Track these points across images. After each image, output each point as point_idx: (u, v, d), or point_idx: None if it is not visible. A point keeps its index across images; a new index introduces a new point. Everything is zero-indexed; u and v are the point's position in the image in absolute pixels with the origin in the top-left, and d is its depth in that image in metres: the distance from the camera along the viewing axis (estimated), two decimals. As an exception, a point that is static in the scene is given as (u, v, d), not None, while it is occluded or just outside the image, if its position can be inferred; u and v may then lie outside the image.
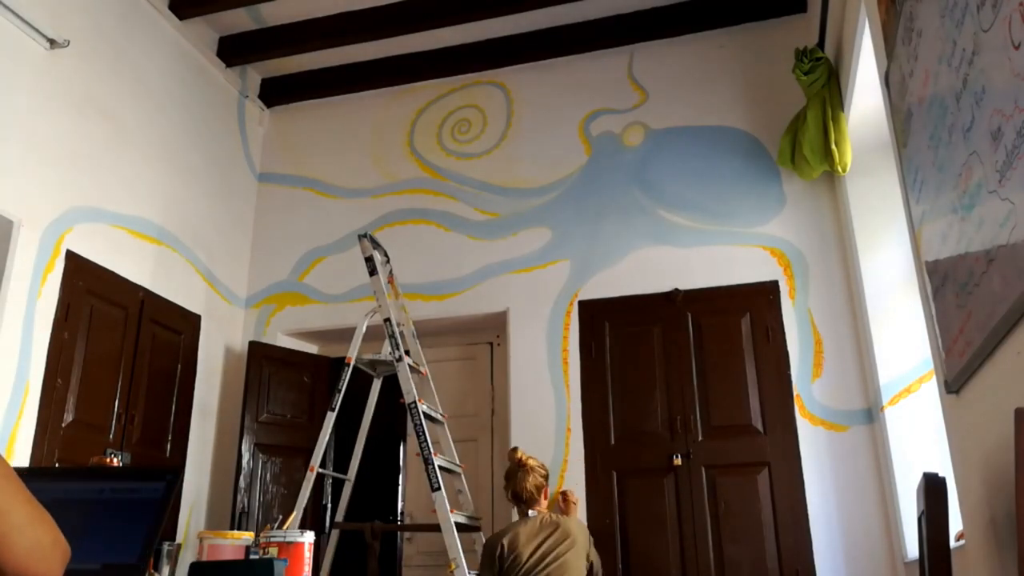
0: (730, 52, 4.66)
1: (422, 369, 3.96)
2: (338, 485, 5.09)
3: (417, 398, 3.63)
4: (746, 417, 4.00)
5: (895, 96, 2.62)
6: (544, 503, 3.44)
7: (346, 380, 3.86)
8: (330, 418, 3.81)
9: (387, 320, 3.82)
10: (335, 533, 3.98)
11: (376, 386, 4.22)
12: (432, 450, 3.53)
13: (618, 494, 4.06)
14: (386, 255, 4.18)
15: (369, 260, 3.96)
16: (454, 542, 3.33)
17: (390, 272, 4.16)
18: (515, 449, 3.56)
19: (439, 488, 3.41)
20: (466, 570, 3.29)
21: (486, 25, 4.78)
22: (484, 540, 3.60)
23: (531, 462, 3.47)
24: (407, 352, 3.82)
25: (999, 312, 1.69)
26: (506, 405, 4.49)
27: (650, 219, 4.45)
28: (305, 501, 3.71)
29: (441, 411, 3.93)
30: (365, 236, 4.01)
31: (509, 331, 4.52)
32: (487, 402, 4.82)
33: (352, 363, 3.90)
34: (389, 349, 3.81)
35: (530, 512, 3.39)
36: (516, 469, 3.45)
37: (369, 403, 4.18)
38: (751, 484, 3.90)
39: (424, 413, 3.64)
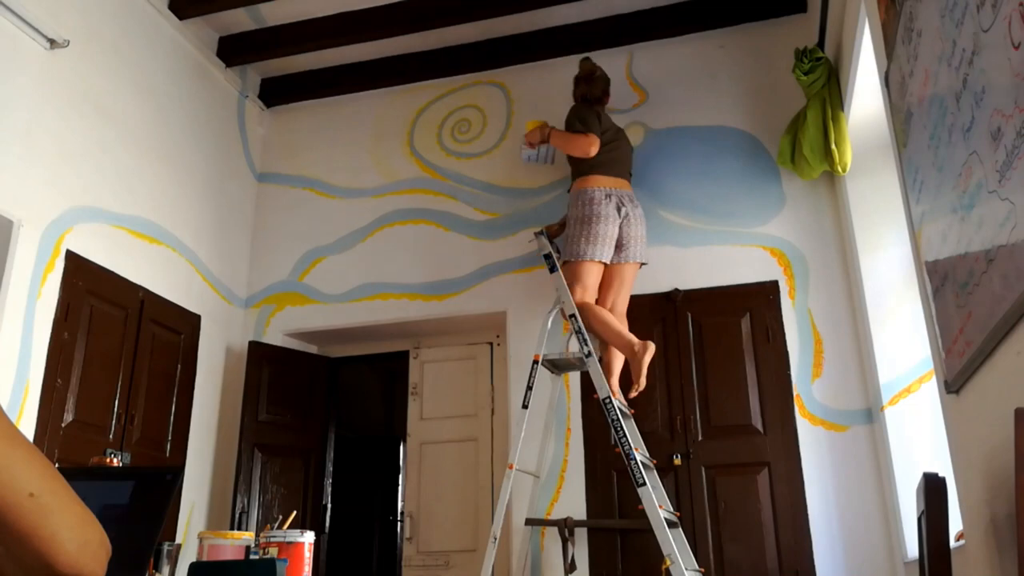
0: (730, 52, 4.66)
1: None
2: (338, 486, 5.11)
3: (612, 392, 3.57)
4: (746, 417, 4.00)
5: (895, 96, 2.62)
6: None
7: (535, 378, 3.81)
8: (523, 415, 3.78)
9: (572, 316, 3.76)
10: (527, 530, 4.00)
11: (558, 384, 4.17)
12: (633, 445, 3.43)
13: (618, 494, 4.06)
14: (559, 250, 4.12)
15: (548, 257, 3.96)
16: (666, 538, 3.20)
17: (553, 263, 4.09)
18: (586, 59, 4.31)
19: (644, 483, 3.28)
20: (683, 567, 3.17)
21: (486, 25, 4.78)
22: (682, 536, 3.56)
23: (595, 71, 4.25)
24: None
25: (999, 312, 1.69)
26: (506, 405, 4.49)
27: (650, 219, 4.44)
28: (506, 502, 3.68)
29: (629, 407, 3.83)
30: (542, 233, 3.98)
31: (509, 331, 4.52)
32: (487, 402, 4.81)
33: (540, 361, 3.84)
34: (576, 346, 3.77)
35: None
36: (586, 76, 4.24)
37: (553, 401, 4.16)
38: (751, 484, 3.90)
39: (620, 409, 3.57)
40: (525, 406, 3.79)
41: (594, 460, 4.15)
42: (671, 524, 3.47)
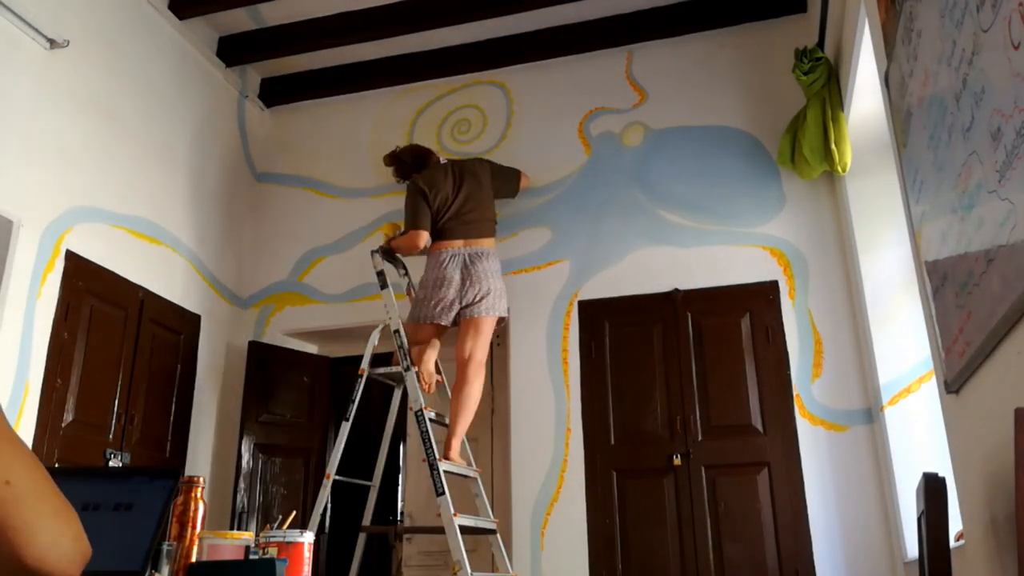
0: (730, 52, 4.66)
1: (438, 377, 3.99)
2: (337, 488, 5.09)
3: (423, 405, 3.66)
4: (746, 417, 4.00)
5: (895, 96, 2.62)
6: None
7: (359, 392, 3.89)
8: (345, 427, 3.85)
9: (396, 332, 3.86)
10: (362, 536, 4.08)
11: (397, 395, 4.28)
12: (437, 455, 3.53)
13: (618, 494, 4.06)
14: (404, 268, 4.22)
15: (380, 275, 4.00)
16: (458, 545, 3.34)
17: (408, 284, 4.21)
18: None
19: (443, 493, 3.44)
20: (469, 572, 3.30)
21: (486, 25, 4.78)
22: (500, 542, 3.66)
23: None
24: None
25: (999, 312, 1.69)
26: (506, 405, 4.49)
27: (650, 219, 4.45)
28: (322, 508, 3.78)
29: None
30: (377, 251, 4.06)
31: (509, 331, 4.52)
32: (487, 402, 4.79)
33: (365, 375, 3.92)
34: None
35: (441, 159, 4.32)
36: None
37: (391, 411, 4.27)
38: (751, 484, 3.90)
39: (432, 420, 3.67)
40: (347, 419, 3.86)
41: (594, 460, 4.14)
42: (488, 531, 3.67)
